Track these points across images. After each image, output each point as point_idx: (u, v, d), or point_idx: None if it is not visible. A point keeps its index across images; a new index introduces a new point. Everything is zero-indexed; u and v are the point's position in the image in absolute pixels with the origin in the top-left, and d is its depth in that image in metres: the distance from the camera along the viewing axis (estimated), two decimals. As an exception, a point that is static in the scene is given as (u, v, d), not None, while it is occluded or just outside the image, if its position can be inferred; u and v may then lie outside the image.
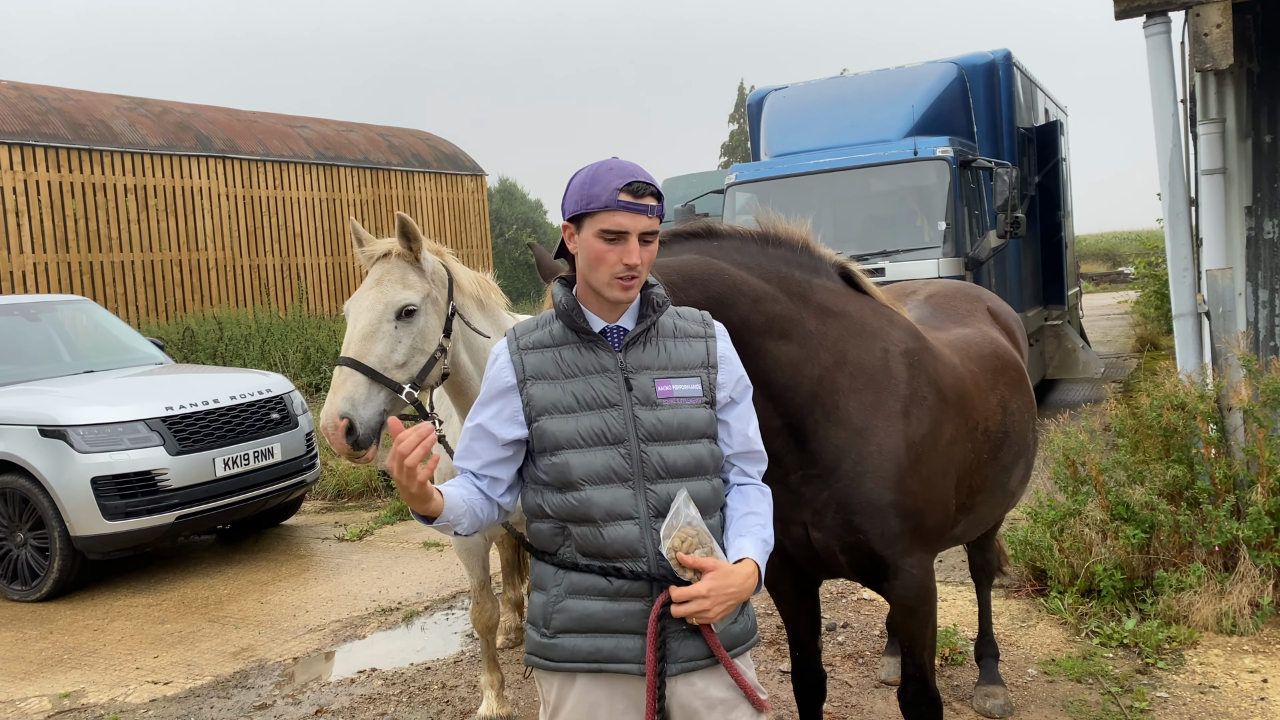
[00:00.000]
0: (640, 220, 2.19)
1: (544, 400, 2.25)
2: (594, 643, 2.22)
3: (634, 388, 2.25)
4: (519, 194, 39.89)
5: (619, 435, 2.22)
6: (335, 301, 21.67)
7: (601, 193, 2.19)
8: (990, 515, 3.73)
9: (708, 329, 2.36)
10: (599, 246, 2.19)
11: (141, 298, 18.04)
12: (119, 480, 6.82)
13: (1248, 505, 4.90)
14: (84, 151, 17.34)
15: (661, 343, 2.30)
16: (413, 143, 24.93)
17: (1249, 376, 5.07)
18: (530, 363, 2.28)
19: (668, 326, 2.33)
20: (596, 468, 2.21)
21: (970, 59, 10.22)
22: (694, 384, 2.28)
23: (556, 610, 2.25)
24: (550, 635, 2.26)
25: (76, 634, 6.19)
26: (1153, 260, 17.09)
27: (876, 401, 2.98)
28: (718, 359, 2.33)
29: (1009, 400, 3.61)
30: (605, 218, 2.18)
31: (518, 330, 2.36)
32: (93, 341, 8.82)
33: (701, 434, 2.27)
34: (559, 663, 2.25)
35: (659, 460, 2.22)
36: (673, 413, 2.24)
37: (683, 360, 2.30)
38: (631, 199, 2.17)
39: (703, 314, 2.41)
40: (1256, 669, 4.45)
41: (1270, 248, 6.14)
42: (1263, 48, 6.06)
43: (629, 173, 2.20)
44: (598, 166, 2.24)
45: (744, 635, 2.33)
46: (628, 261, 2.18)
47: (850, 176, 9.27)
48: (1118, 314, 20.75)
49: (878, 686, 4.57)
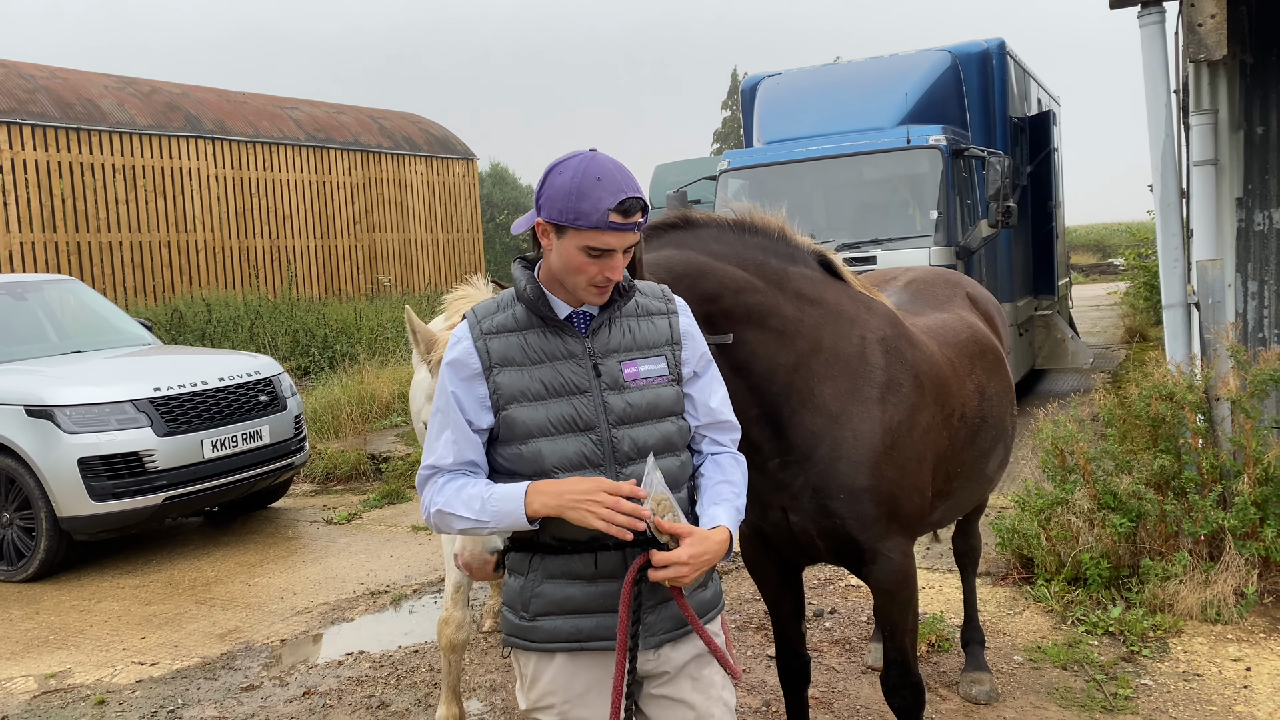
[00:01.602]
0: (627, 238, 2.16)
1: (512, 388, 2.21)
2: (574, 624, 2.25)
3: (602, 373, 2.24)
4: (510, 178, 39.71)
5: (590, 422, 2.22)
6: (324, 284, 21.60)
7: (591, 211, 2.10)
8: (969, 500, 3.74)
9: (669, 304, 2.36)
10: (581, 259, 2.15)
11: (129, 279, 17.94)
12: (106, 461, 6.79)
13: (1234, 495, 4.93)
14: (72, 131, 17.21)
15: (625, 323, 2.30)
16: (404, 126, 24.81)
17: (1237, 367, 5.10)
18: (495, 348, 2.23)
19: (630, 305, 2.31)
20: (569, 455, 2.20)
21: (964, 47, 10.19)
22: (659, 363, 2.29)
23: (534, 595, 2.27)
24: (530, 619, 2.28)
25: (63, 615, 6.18)
26: (1142, 252, 17.14)
27: (852, 388, 3.00)
28: (681, 335, 2.33)
29: (986, 385, 3.62)
30: (593, 236, 2.11)
31: (478, 312, 2.29)
32: (80, 322, 8.77)
33: (669, 412, 2.29)
34: (540, 644, 2.28)
35: (630, 443, 2.23)
36: (640, 394, 2.25)
37: (647, 339, 2.30)
38: (622, 219, 2.12)
39: (662, 288, 2.39)
40: (1240, 657, 4.48)
41: (1261, 239, 6.16)
42: (1256, 39, 6.06)
43: (619, 188, 2.11)
44: (584, 175, 2.12)
45: (713, 601, 2.39)
46: (610, 276, 2.16)
47: (843, 164, 9.25)
48: (1107, 305, 20.83)
49: (864, 672, 4.59)
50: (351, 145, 22.48)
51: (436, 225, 24.70)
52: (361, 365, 12.51)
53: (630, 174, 2.18)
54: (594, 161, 2.15)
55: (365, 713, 4.56)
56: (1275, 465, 4.90)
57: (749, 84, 11.28)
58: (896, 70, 10.14)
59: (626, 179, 2.15)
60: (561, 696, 2.29)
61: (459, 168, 25.49)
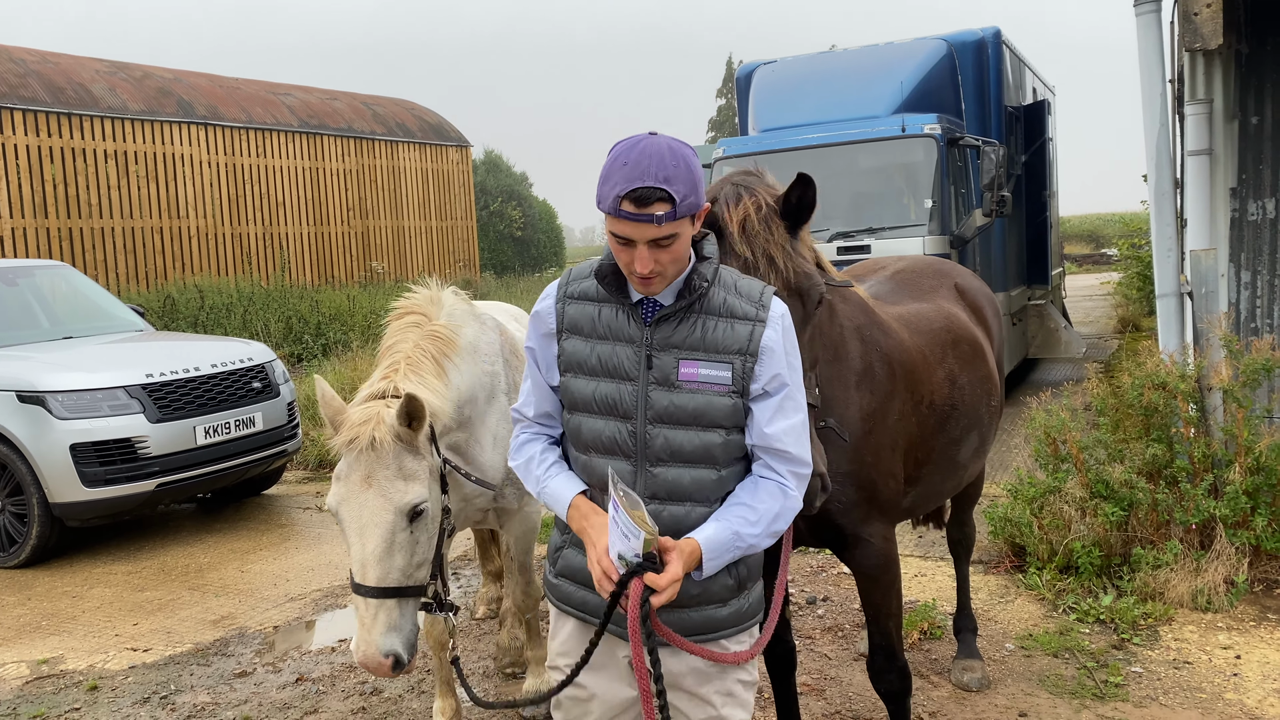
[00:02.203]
0: (647, 230, 2.03)
1: (573, 356, 2.25)
2: (583, 594, 2.31)
3: (654, 366, 2.17)
4: (504, 166, 39.58)
5: (628, 411, 2.17)
6: (318, 271, 21.55)
7: (607, 195, 2.05)
8: (941, 488, 3.73)
9: (760, 311, 2.19)
10: (614, 244, 2.11)
11: (122, 265, 17.88)
12: (98, 447, 6.77)
13: (1225, 484, 4.95)
14: (63, 115, 17.12)
15: (702, 320, 2.17)
16: (397, 112, 24.72)
17: (1230, 357, 5.11)
18: (570, 313, 2.26)
19: (716, 302, 2.19)
20: (603, 438, 2.21)
21: (960, 36, 10.18)
22: (724, 370, 2.14)
23: (561, 555, 2.37)
24: (555, 575, 2.39)
25: (55, 601, 6.17)
26: (1136, 242, 17.17)
27: (834, 374, 3.02)
28: (760, 348, 2.16)
29: (958, 374, 3.61)
30: (611, 222, 2.07)
31: (571, 274, 2.31)
32: (72, 307, 8.73)
33: (718, 424, 2.16)
34: (559, 602, 2.38)
35: (664, 443, 2.16)
36: (690, 397, 2.15)
37: (718, 343, 2.16)
38: (634, 209, 2.01)
39: (763, 291, 2.23)
40: (1230, 645, 4.51)
41: (1254, 229, 6.16)
42: (1251, 28, 6.06)
43: (638, 175, 2.01)
44: (617, 157, 2.06)
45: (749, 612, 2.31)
46: (635, 269, 2.09)
47: (838, 152, 9.23)
48: (1100, 295, 20.86)
49: (857, 659, 4.60)
50: (345, 131, 22.39)
51: (430, 212, 24.64)
52: (355, 353, 12.49)
53: (677, 164, 2.04)
54: (636, 145, 2.06)
55: (358, 698, 4.57)
56: (1267, 454, 4.92)
57: (744, 72, 11.26)
58: (892, 58, 10.13)
59: (659, 167, 2.01)
60: (570, 660, 2.33)
61: (453, 154, 25.42)
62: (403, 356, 3.30)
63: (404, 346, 3.38)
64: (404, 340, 3.43)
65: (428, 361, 3.32)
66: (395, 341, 3.46)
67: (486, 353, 3.76)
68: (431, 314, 3.58)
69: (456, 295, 3.83)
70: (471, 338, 3.67)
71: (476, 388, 3.61)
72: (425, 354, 3.34)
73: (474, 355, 3.64)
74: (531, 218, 38.51)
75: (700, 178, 2.10)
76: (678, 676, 2.26)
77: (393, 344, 3.45)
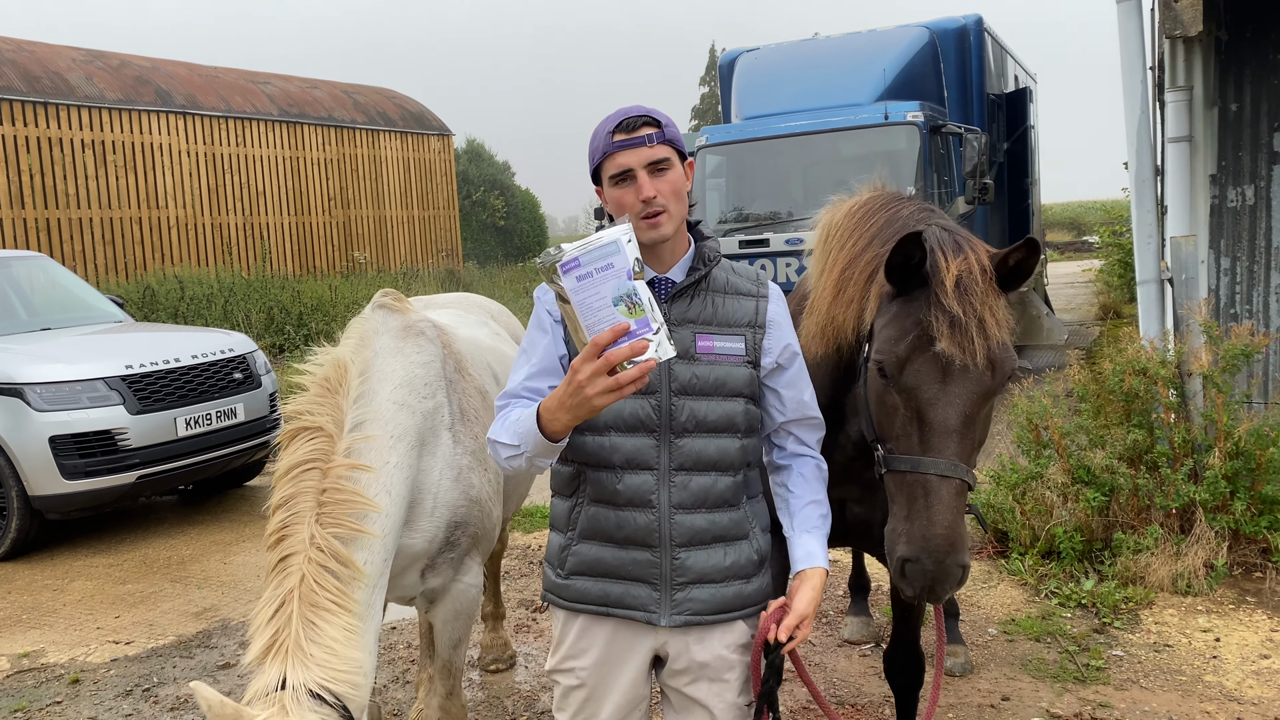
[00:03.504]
0: (641, 152, 2.16)
1: None
2: (603, 587, 2.27)
3: (674, 340, 2.17)
4: (486, 155, 39.42)
5: (652, 385, 2.19)
6: (299, 261, 21.42)
7: (599, 143, 2.20)
8: None
9: (760, 288, 2.32)
10: (616, 194, 2.19)
11: (100, 256, 17.72)
12: (78, 439, 6.71)
13: (1205, 469, 4.99)
14: (39, 105, 16.93)
15: (711, 297, 2.27)
16: (378, 101, 24.57)
17: (1209, 343, 5.15)
18: None
19: (720, 281, 2.29)
20: (625, 415, 2.20)
21: (942, 23, 10.19)
22: (738, 342, 2.25)
23: (570, 553, 2.30)
24: (564, 576, 2.32)
25: (36, 594, 6.12)
26: (1117, 229, 17.26)
27: None
28: (766, 320, 2.29)
29: None
30: (608, 164, 2.19)
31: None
32: (50, 299, 8.64)
33: (737, 392, 2.24)
34: (571, 602, 2.32)
35: (689, 414, 2.20)
36: (710, 368, 2.22)
37: (729, 317, 2.26)
38: (625, 136, 2.16)
39: (758, 272, 2.38)
40: (1209, 628, 4.55)
41: (1234, 216, 6.20)
42: (1230, 15, 6.08)
43: (620, 113, 2.20)
44: (600, 123, 2.24)
45: (755, 596, 2.33)
46: (643, 197, 2.15)
47: (820, 140, 9.23)
48: (1082, 282, 20.97)
49: (840, 646, 4.63)
50: (326, 120, 22.24)
51: (412, 202, 24.52)
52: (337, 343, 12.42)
53: (656, 112, 2.22)
54: (615, 111, 2.25)
55: (343, 690, 4.55)
56: (1246, 439, 4.96)
57: (727, 59, 11.24)
58: (875, 46, 10.13)
59: (633, 108, 2.22)
60: (582, 661, 2.31)
61: (434, 143, 25.29)
62: (293, 594, 2.44)
63: (295, 561, 2.50)
64: (294, 531, 2.57)
65: (330, 615, 2.43)
66: (285, 528, 2.60)
67: (422, 387, 2.98)
68: (339, 422, 2.72)
69: (385, 313, 3.13)
70: (396, 410, 2.84)
71: (410, 472, 2.82)
72: (324, 591, 2.46)
73: (402, 443, 2.81)
74: (514, 207, 38.39)
75: (679, 133, 2.27)
76: (702, 665, 2.28)
77: (282, 532, 2.60)
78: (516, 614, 5.26)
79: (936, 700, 2.37)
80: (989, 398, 2.33)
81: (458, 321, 3.79)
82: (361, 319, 3.14)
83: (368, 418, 2.77)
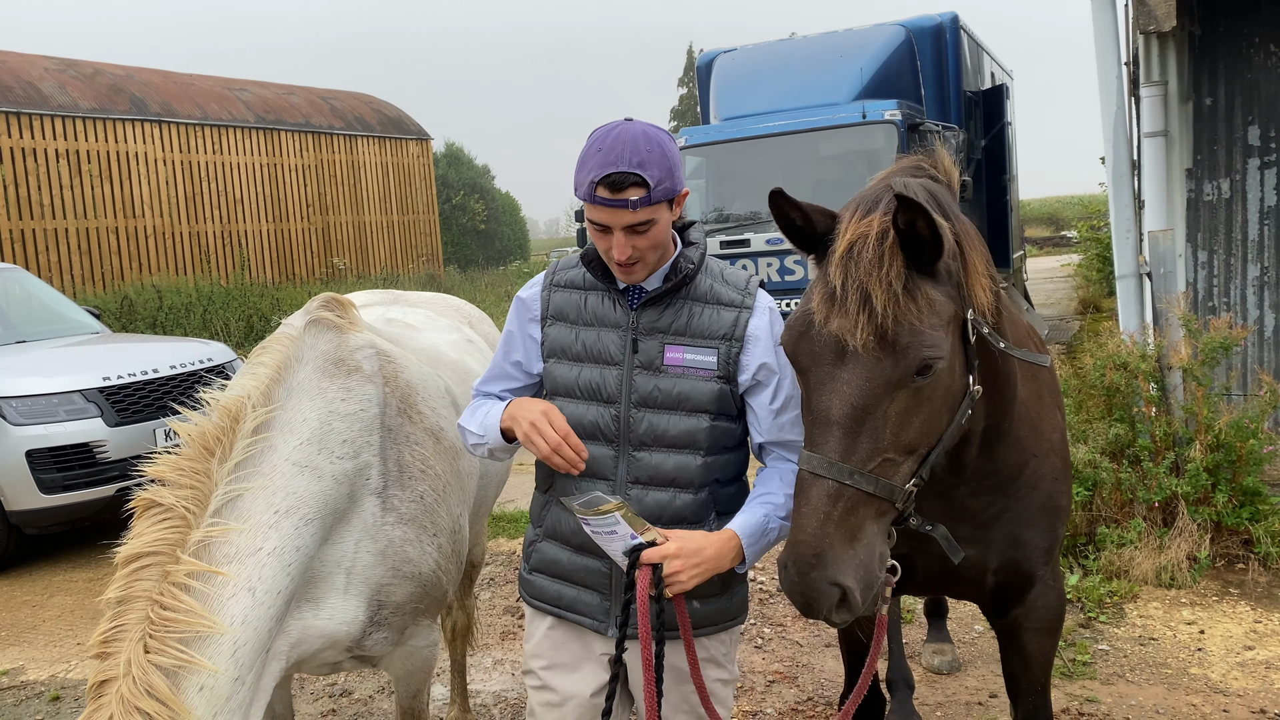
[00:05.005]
0: (622, 215, 2.01)
1: (558, 342, 2.24)
2: (558, 588, 2.28)
3: (639, 350, 2.17)
4: (466, 158, 39.32)
5: (612, 395, 2.17)
6: (278, 269, 21.29)
7: (583, 182, 2.04)
8: None
9: (746, 299, 2.18)
10: (594, 232, 2.11)
11: (76, 266, 17.55)
12: (55, 453, 6.63)
13: (1186, 462, 5.01)
14: (12, 115, 16.75)
15: (688, 306, 2.18)
16: (356, 106, 24.46)
17: (1188, 336, 5.17)
18: (556, 300, 2.27)
19: (701, 288, 2.19)
20: (585, 423, 2.18)
21: (917, 22, 10.23)
22: (709, 355, 2.14)
23: (534, 549, 2.34)
24: (528, 571, 2.35)
25: (14, 611, 6.05)
26: (1095, 224, 17.36)
27: (1039, 393, 2.58)
28: (745, 334, 2.15)
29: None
30: (588, 208, 2.08)
31: (559, 265, 2.34)
32: (25, 311, 8.54)
33: (701, 408, 2.15)
34: (533, 599, 2.34)
35: (648, 428, 2.15)
36: (674, 381, 2.15)
37: (704, 328, 2.16)
38: (608, 194, 2.00)
39: (749, 281, 2.23)
40: (1194, 620, 4.57)
41: (1210, 209, 6.24)
42: (1203, 10, 6.12)
43: (611, 161, 2.00)
44: (593, 143, 2.05)
45: (733, 610, 2.27)
46: (613, 256, 2.08)
47: (799, 140, 9.25)
48: (1061, 277, 21.09)
49: (828, 645, 4.62)
50: (302, 126, 22.12)
51: (391, 207, 24.42)
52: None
53: (651, 149, 2.01)
54: (611, 132, 2.05)
55: (327, 700, 4.52)
56: (1226, 432, 4.99)
57: (705, 60, 11.25)
58: (851, 45, 10.16)
59: (633, 153, 1.99)
60: (543, 662, 2.32)
61: (413, 148, 25.19)
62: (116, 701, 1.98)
63: (108, 693, 1.99)
64: (115, 650, 2.04)
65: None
66: (106, 644, 2.06)
67: (340, 445, 2.43)
68: (203, 499, 2.21)
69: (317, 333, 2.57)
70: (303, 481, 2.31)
71: (302, 554, 2.28)
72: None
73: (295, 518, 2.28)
74: (494, 211, 38.31)
75: (677, 163, 2.10)
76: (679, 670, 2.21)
77: (101, 648, 2.06)
78: (502, 620, 5.23)
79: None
80: (893, 388, 1.91)
81: (425, 323, 3.51)
82: (287, 337, 2.55)
83: (244, 491, 2.21)
